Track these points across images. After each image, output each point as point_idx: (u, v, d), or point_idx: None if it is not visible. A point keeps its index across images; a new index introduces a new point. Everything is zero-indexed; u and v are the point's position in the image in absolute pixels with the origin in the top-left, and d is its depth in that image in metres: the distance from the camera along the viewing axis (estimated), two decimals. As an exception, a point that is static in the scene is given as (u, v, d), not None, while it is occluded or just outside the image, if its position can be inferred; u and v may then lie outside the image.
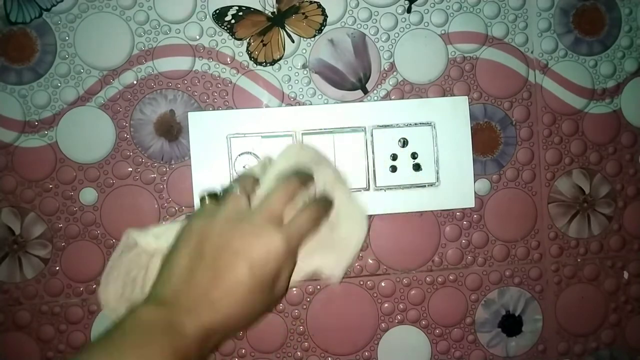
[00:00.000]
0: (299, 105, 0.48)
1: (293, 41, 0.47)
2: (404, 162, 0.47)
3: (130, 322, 0.33)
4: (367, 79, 0.48)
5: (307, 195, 0.40)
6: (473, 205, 0.48)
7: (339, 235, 0.41)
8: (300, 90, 0.48)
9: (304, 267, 0.40)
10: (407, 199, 0.47)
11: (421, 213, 0.49)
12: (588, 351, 0.51)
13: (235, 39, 0.47)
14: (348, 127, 0.47)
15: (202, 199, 0.39)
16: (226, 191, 0.38)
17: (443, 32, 0.48)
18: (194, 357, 0.33)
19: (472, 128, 0.48)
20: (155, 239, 0.40)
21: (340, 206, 0.41)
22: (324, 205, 0.40)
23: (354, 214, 0.42)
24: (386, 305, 0.49)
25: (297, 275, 0.40)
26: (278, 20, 0.47)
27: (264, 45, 0.47)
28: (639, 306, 0.51)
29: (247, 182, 0.39)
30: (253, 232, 0.35)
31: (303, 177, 0.40)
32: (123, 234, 0.42)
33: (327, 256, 0.41)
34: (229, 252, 0.35)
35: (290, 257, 0.37)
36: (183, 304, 0.34)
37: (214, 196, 0.39)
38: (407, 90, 0.48)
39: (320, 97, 0.48)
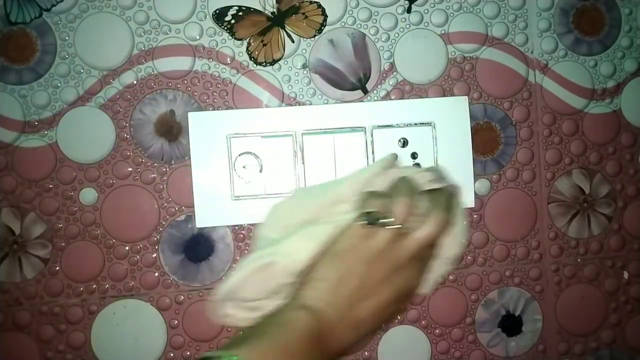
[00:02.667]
0: (299, 105, 0.48)
1: (293, 41, 0.47)
2: (404, 162, 0.47)
3: (291, 325, 0.33)
4: (367, 79, 0.48)
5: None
6: (473, 205, 0.48)
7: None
8: (300, 90, 0.48)
9: None
10: (407, 199, 0.47)
11: (421, 213, 0.48)
12: (588, 351, 0.51)
13: (235, 39, 0.47)
14: (348, 127, 0.47)
15: (371, 218, 0.37)
16: (387, 215, 0.37)
17: (443, 32, 0.48)
18: None
19: (472, 128, 0.48)
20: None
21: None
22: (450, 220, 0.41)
23: (457, 235, 0.42)
24: (386, 305, 0.49)
25: None
26: (278, 20, 0.47)
27: (264, 45, 0.47)
28: (639, 306, 0.51)
29: (407, 210, 0.38)
30: (401, 268, 0.37)
31: (452, 211, 0.40)
32: None
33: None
34: (380, 278, 0.36)
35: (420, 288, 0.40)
36: (335, 319, 0.35)
37: (379, 218, 0.37)
38: (407, 90, 0.48)
39: (320, 97, 0.48)
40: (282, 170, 0.46)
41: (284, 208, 0.40)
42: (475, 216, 0.49)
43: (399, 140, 0.47)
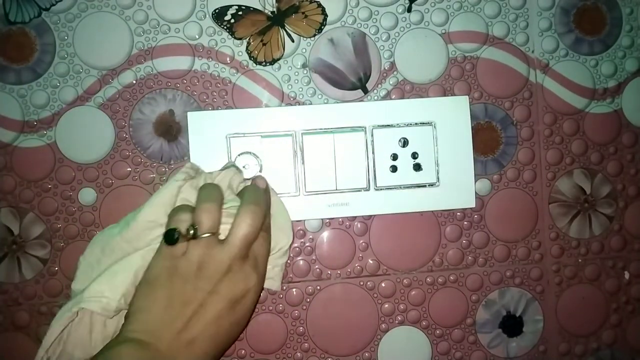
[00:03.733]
0: (299, 104, 0.48)
1: (293, 40, 0.47)
2: (404, 162, 0.47)
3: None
4: (367, 78, 0.48)
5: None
6: (474, 206, 0.48)
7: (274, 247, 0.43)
8: (300, 89, 0.48)
9: None
10: (407, 199, 0.47)
11: (421, 213, 0.48)
12: (589, 352, 0.51)
13: (235, 38, 0.47)
14: (348, 127, 0.47)
15: (169, 237, 0.37)
16: (191, 227, 0.37)
17: (443, 31, 0.48)
18: None
19: (472, 128, 0.48)
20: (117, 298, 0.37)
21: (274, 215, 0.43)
22: (268, 219, 0.42)
23: (283, 225, 0.44)
24: (386, 305, 0.49)
25: None
26: (278, 19, 0.47)
27: (264, 44, 0.47)
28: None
29: (212, 220, 0.37)
30: (229, 272, 0.36)
31: (266, 206, 0.40)
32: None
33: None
34: (207, 293, 0.35)
35: (262, 284, 0.39)
36: (163, 347, 0.34)
37: (182, 235, 0.37)
38: (407, 89, 0.48)
39: (320, 96, 0.48)
40: (282, 170, 0.46)
41: (89, 258, 0.40)
42: (475, 216, 0.49)
43: (399, 140, 0.47)
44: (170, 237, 0.36)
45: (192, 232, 0.36)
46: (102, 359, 0.33)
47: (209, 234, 0.37)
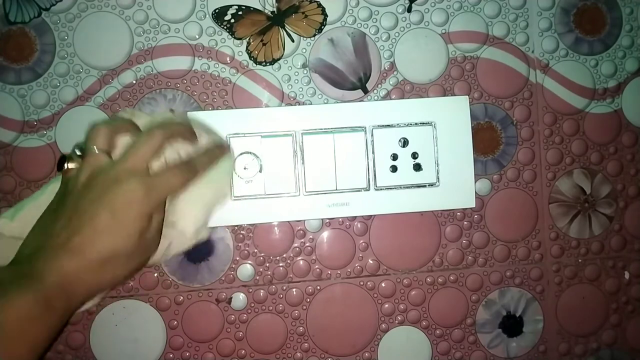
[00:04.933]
0: (299, 104, 0.48)
1: (293, 40, 0.47)
2: (405, 162, 0.47)
3: None
4: (367, 78, 0.48)
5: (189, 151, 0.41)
6: (474, 206, 0.48)
7: (202, 197, 0.42)
8: (300, 89, 0.48)
9: (177, 224, 0.42)
10: (407, 199, 0.47)
11: (422, 213, 0.48)
12: (589, 352, 0.51)
13: (235, 38, 0.47)
14: (348, 127, 0.47)
15: (60, 164, 0.38)
16: (84, 150, 0.38)
17: (443, 31, 0.48)
18: (60, 302, 0.33)
19: (472, 128, 0.48)
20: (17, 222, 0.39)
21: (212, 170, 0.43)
22: (192, 167, 0.40)
23: (218, 179, 0.43)
24: (386, 305, 0.49)
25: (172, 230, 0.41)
26: (278, 19, 0.47)
27: (264, 44, 0.47)
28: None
29: (104, 138, 0.38)
30: (113, 180, 0.36)
31: (170, 132, 0.40)
32: None
33: (188, 214, 0.42)
34: (88, 200, 0.35)
35: (155, 207, 0.37)
36: (41, 257, 0.34)
37: (72, 158, 0.38)
38: (407, 89, 0.48)
39: (320, 96, 0.48)
40: (282, 170, 0.46)
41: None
42: (475, 216, 0.49)
43: (399, 140, 0.47)
44: (61, 161, 0.38)
45: (79, 151, 0.38)
46: None
47: (98, 151, 0.37)
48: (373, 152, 0.47)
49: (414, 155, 0.47)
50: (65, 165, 0.38)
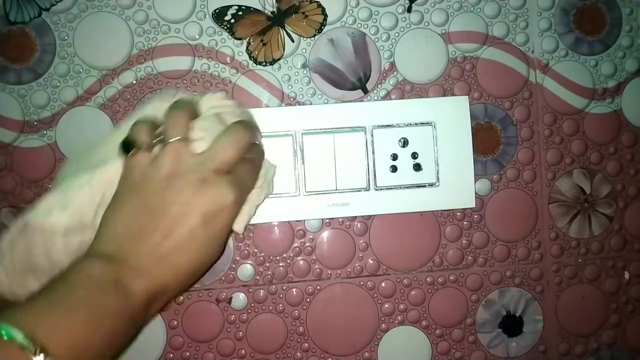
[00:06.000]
0: (299, 105, 0.48)
1: (293, 41, 0.47)
2: (404, 162, 0.47)
3: (77, 276, 0.30)
4: (367, 78, 0.48)
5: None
6: (473, 206, 0.48)
7: (252, 195, 0.40)
8: (300, 90, 0.48)
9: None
10: (407, 199, 0.47)
11: (422, 213, 0.48)
12: (589, 352, 0.51)
13: (235, 38, 0.47)
14: (348, 127, 0.47)
15: (126, 147, 0.34)
16: (157, 136, 0.34)
17: (443, 31, 0.48)
18: (140, 317, 0.32)
19: (472, 128, 0.48)
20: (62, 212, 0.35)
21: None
22: (259, 167, 0.39)
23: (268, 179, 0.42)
24: (386, 305, 0.49)
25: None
26: (278, 19, 0.47)
27: (264, 44, 0.47)
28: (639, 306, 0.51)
29: (184, 124, 0.35)
30: (204, 184, 0.33)
31: (254, 133, 0.38)
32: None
33: (243, 213, 0.39)
34: (179, 204, 0.33)
35: (238, 209, 0.36)
36: (132, 262, 0.31)
37: (138, 142, 0.35)
38: (407, 90, 0.48)
39: (320, 96, 0.48)
40: (282, 170, 0.46)
41: (66, 170, 0.38)
42: (475, 216, 0.49)
43: (399, 140, 0.47)
44: (125, 145, 0.34)
45: (157, 138, 0.34)
46: (61, 277, 0.30)
47: (177, 138, 0.34)
48: (373, 152, 0.47)
49: (414, 155, 0.47)
50: (135, 152, 0.34)
